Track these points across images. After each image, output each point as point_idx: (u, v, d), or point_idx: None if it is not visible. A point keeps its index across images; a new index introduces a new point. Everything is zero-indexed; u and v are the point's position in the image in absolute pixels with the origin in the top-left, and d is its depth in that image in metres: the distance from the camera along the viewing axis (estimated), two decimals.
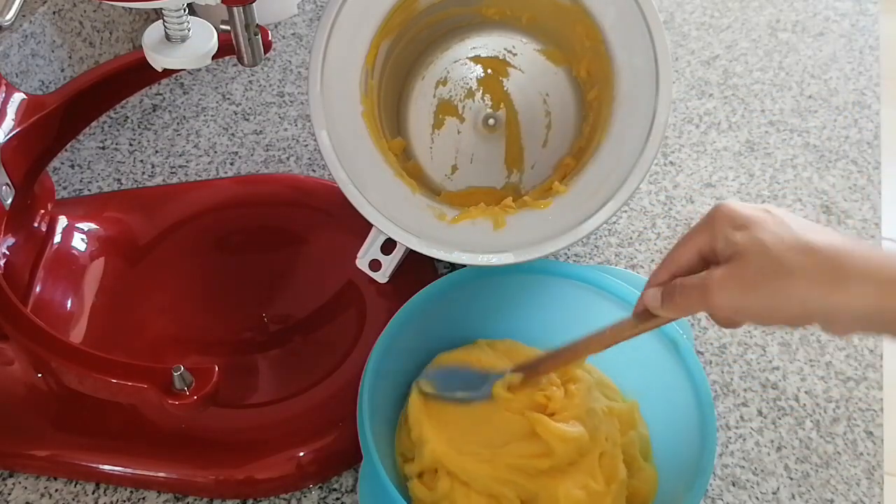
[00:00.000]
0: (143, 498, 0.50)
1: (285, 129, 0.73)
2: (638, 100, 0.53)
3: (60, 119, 0.53)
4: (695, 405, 0.47)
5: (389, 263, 0.57)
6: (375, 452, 0.44)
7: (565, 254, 0.64)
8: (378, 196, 0.54)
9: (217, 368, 0.43)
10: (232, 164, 0.70)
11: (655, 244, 0.65)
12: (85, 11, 0.72)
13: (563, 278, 0.54)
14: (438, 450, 0.47)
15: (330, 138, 0.54)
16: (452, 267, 0.62)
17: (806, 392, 0.56)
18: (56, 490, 0.50)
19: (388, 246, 0.57)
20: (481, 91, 0.62)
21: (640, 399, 0.51)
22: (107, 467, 0.50)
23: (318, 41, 0.54)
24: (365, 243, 0.57)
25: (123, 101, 0.72)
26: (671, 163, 0.72)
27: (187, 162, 0.70)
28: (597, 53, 0.55)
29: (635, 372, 0.52)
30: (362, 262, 0.57)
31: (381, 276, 0.57)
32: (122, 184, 0.68)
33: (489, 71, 0.62)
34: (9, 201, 0.49)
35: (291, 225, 0.62)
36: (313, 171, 0.70)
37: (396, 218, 0.54)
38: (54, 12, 0.69)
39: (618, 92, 0.54)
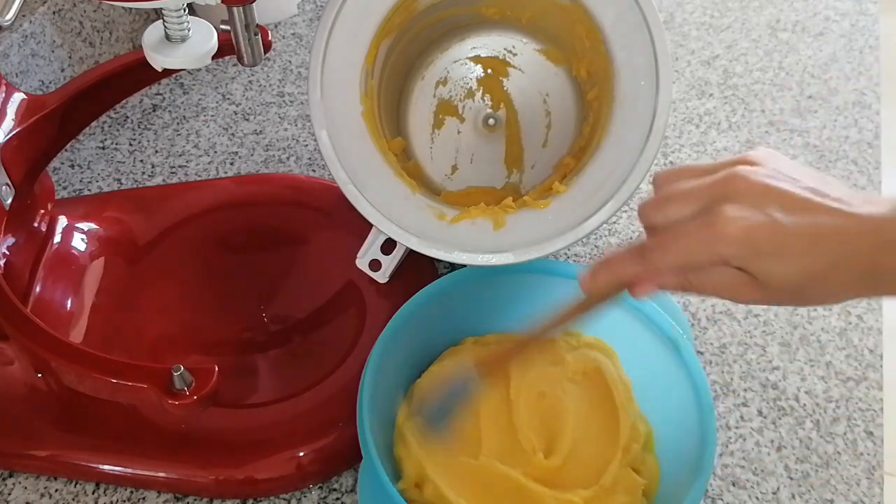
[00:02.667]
0: (143, 498, 0.50)
1: (285, 129, 0.73)
2: (638, 100, 0.53)
3: (60, 119, 0.53)
4: (695, 406, 0.47)
5: (389, 263, 0.57)
6: (375, 452, 0.44)
7: (565, 254, 0.64)
8: (378, 196, 0.54)
9: (217, 368, 0.43)
10: (232, 164, 0.70)
11: None
12: (85, 11, 0.72)
13: (563, 278, 0.54)
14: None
15: (330, 138, 0.54)
16: (452, 267, 0.62)
17: (806, 392, 0.56)
18: (56, 490, 0.50)
19: (388, 246, 0.57)
20: (481, 91, 0.62)
21: (640, 399, 0.51)
22: (107, 467, 0.50)
23: (317, 42, 0.54)
24: (365, 243, 0.57)
25: (123, 101, 0.72)
26: (671, 163, 0.72)
27: (187, 162, 0.70)
28: (597, 53, 0.55)
29: (635, 373, 0.52)
30: (362, 262, 0.57)
31: (382, 276, 0.57)
32: (122, 184, 0.68)
33: (489, 71, 0.62)
34: (9, 201, 0.49)
35: (291, 225, 0.62)
36: (313, 171, 0.70)
37: (396, 218, 0.54)
38: (54, 12, 0.69)
39: (618, 92, 0.54)
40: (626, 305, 0.52)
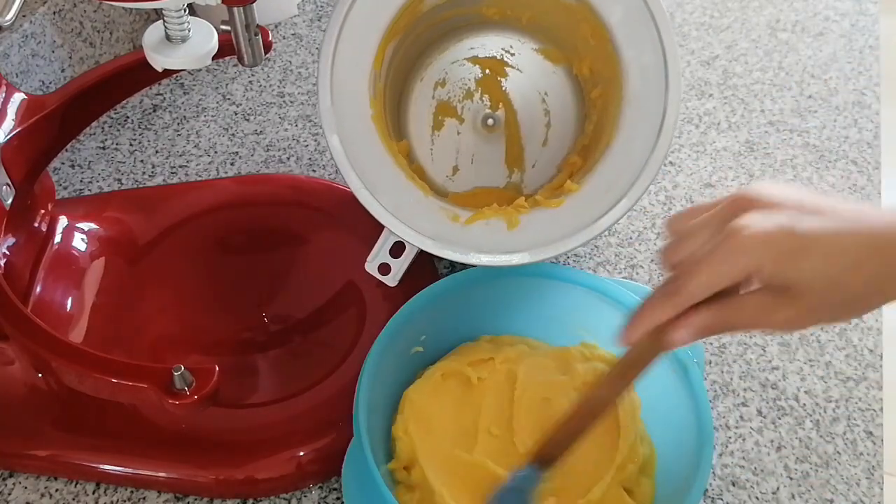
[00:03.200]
0: (144, 498, 0.50)
1: (285, 130, 0.73)
2: (647, 98, 0.53)
3: (61, 119, 0.53)
4: (692, 406, 0.47)
5: (399, 267, 0.57)
6: (365, 429, 0.45)
7: (565, 253, 0.63)
8: (391, 200, 0.54)
9: (217, 368, 0.43)
10: (232, 164, 0.70)
11: (655, 244, 0.65)
12: (85, 11, 0.72)
13: (562, 282, 0.54)
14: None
15: (341, 143, 0.53)
16: (452, 268, 0.62)
17: (806, 392, 0.56)
18: (56, 490, 0.50)
19: (398, 249, 0.56)
20: (480, 91, 0.62)
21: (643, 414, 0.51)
22: (107, 467, 0.50)
23: (326, 46, 0.53)
24: (374, 247, 0.56)
25: (124, 101, 0.72)
26: (671, 163, 0.72)
27: (188, 162, 0.70)
28: (602, 52, 0.55)
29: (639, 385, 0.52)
30: (371, 266, 0.57)
31: (391, 280, 0.57)
32: (122, 184, 0.68)
33: (487, 71, 0.62)
34: (9, 201, 0.49)
35: (291, 225, 0.62)
36: (313, 171, 0.70)
37: (410, 221, 0.54)
38: (54, 12, 0.69)
39: (626, 91, 0.53)
40: (627, 311, 0.52)
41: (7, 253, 0.50)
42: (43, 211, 0.55)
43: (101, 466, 0.50)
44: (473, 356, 0.53)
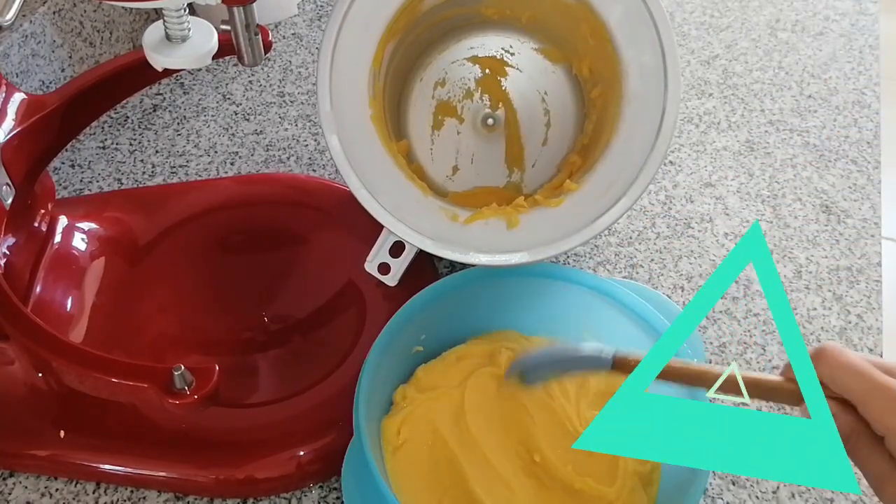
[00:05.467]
0: (144, 498, 0.50)
1: (286, 129, 0.73)
2: (647, 97, 0.53)
3: (61, 119, 0.53)
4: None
5: (399, 267, 0.57)
6: (367, 435, 0.45)
7: (565, 253, 0.64)
8: (390, 200, 0.54)
9: (217, 368, 0.43)
10: (232, 164, 0.70)
11: (655, 244, 0.65)
12: (85, 11, 0.72)
13: (562, 282, 0.54)
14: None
15: (340, 143, 0.54)
16: (452, 267, 0.62)
17: None
18: (56, 490, 0.50)
19: (397, 249, 0.56)
20: (480, 91, 0.62)
21: None
22: (107, 467, 0.50)
23: (324, 49, 0.53)
24: (374, 247, 0.56)
25: (124, 101, 0.72)
26: (671, 162, 0.72)
27: (188, 162, 0.70)
28: (602, 52, 0.55)
29: None
30: (371, 266, 0.57)
31: (391, 280, 0.57)
32: (122, 183, 0.68)
33: (487, 71, 0.62)
34: (9, 201, 0.49)
35: (291, 225, 0.62)
36: (313, 171, 0.70)
37: (410, 221, 0.54)
38: (54, 12, 0.69)
39: (626, 90, 0.54)
40: (628, 312, 0.52)
41: (7, 253, 0.50)
42: (43, 211, 0.55)
43: (101, 466, 0.50)
44: (492, 344, 0.53)
